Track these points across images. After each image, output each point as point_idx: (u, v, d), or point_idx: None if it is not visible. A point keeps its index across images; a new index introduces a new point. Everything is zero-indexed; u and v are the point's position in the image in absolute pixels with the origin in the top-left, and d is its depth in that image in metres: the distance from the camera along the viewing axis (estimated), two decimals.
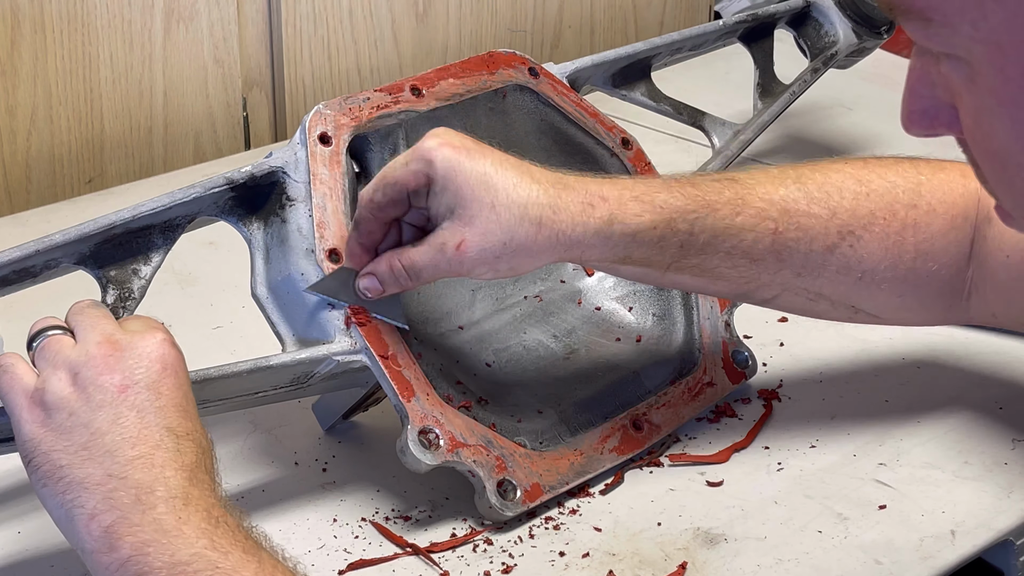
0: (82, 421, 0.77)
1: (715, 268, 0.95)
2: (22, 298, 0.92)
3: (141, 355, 0.79)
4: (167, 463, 0.76)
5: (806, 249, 0.96)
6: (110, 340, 0.80)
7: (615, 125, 1.11)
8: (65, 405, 0.77)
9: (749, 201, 0.95)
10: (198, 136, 1.53)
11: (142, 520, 0.74)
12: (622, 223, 0.91)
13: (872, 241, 0.97)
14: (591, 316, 1.09)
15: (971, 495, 0.99)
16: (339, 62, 1.60)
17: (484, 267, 0.89)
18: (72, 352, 0.80)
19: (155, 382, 0.78)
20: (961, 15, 0.64)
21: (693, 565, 0.91)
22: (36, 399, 0.78)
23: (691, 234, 0.93)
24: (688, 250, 0.93)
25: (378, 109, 1.00)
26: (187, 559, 0.73)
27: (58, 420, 0.77)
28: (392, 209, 0.90)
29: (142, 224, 0.91)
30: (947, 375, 1.12)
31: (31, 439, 0.78)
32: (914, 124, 0.71)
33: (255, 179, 0.95)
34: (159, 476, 0.75)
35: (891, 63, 1.74)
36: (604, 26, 1.87)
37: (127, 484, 0.75)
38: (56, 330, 0.82)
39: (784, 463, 1.02)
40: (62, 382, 0.78)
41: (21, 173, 1.42)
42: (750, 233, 0.94)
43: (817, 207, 0.96)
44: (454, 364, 1.01)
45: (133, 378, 0.78)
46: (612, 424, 1.01)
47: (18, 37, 1.37)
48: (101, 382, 0.78)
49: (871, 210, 0.97)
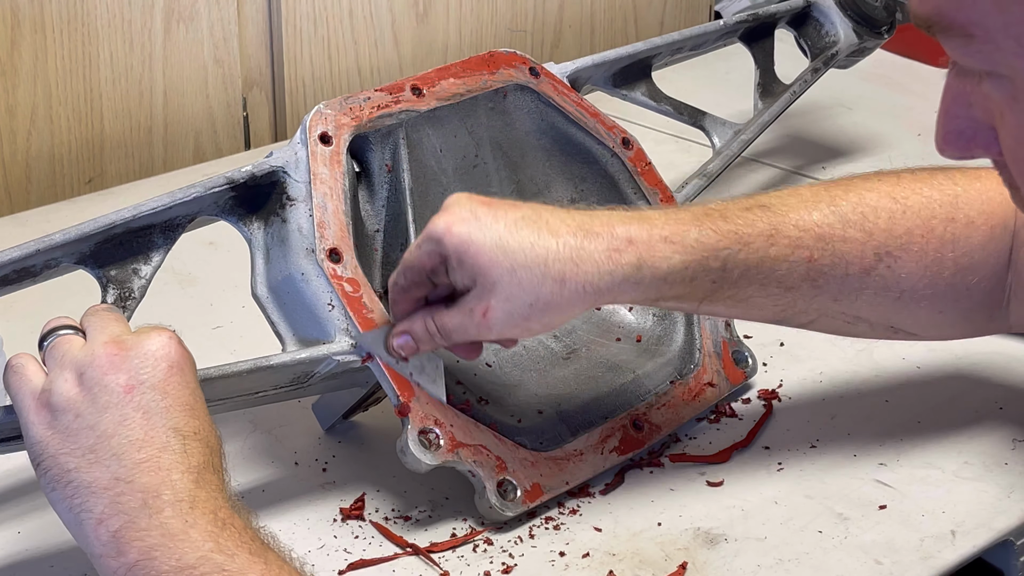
0: (88, 423, 0.76)
1: (750, 298, 0.93)
2: (22, 298, 0.91)
3: (147, 355, 0.78)
4: (173, 466, 0.76)
5: (842, 274, 0.94)
6: (116, 340, 0.79)
7: (615, 125, 1.11)
8: (71, 407, 0.77)
9: (782, 230, 0.93)
10: (198, 136, 1.53)
11: (149, 524, 0.74)
12: (652, 267, 0.88)
13: (910, 260, 0.94)
14: (591, 316, 1.09)
15: (971, 495, 0.99)
16: (339, 62, 1.60)
17: (515, 330, 0.88)
18: (80, 352, 0.79)
19: (161, 381, 0.78)
20: (1006, 31, 0.62)
21: (693, 565, 0.91)
22: (43, 400, 0.78)
23: (724, 270, 0.91)
24: (721, 285, 0.91)
25: (379, 109, 1.00)
26: (194, 562, 0.73)
27: (64, 422, 0.77)
28: (417, 290, 0.90)
29: (142, 224, 0.90)
30: (947, 375, 1.12)
31: (39, 442, 0.77)
32: (950, 146, 0.69)
33: (255, 179, 0.95)
34: (166, 479, 0.75)
35: (891, 63, 1.74)
36: (604, 26, 1.87)
37: (134, 488, 0.75)
38: (67, 330, 0.82)
39: (784, 463, 1.02)
40: (68, 383, 0.78)
41: (21, 173, 1.42)
42: (784, 264, 0.92)
43: (853, 230, 0.94)
44: (454, 364, 1.01)
45: (139, 378, 0.77)
46: (612, 424, 1.00)
47: (18, 37, 1.37)
48: (106, 382, 0.77)
49: (908, 228, 0.95)
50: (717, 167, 1.23)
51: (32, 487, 0.97)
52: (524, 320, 0.87)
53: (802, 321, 0.97)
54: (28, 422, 0.78)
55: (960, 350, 1.14)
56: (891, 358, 1.14)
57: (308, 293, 0.93)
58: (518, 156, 1.09)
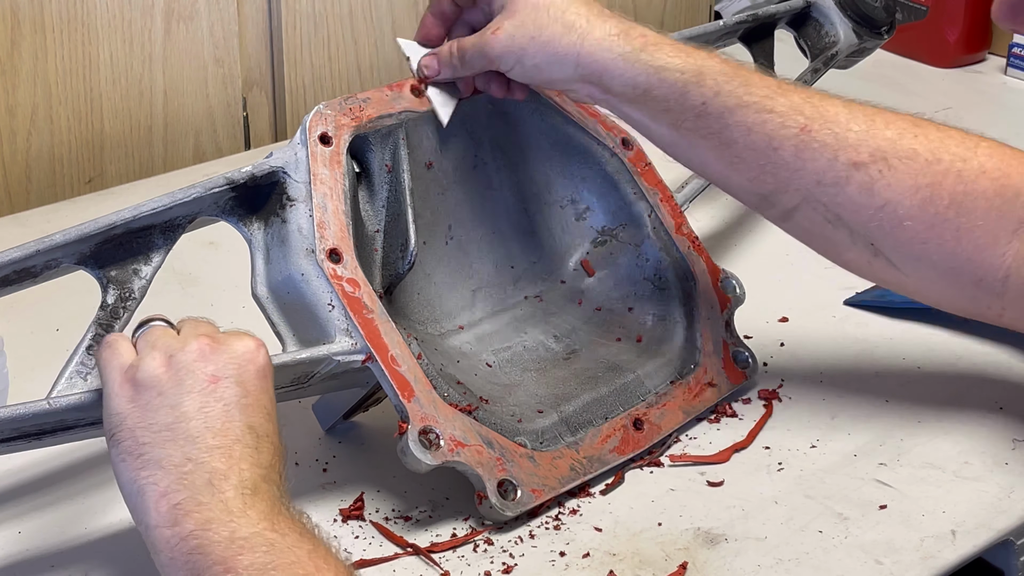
0: (169, 402, 0.78)
1: (734, 142, 0.94)
2: (22, 298, 0.91)
3: (236, 354, 0.81)
4: (244, 458, 0.78)
5: (831, 157, 0.94)
6: (210, 336, 0.82)
7: (615, 125, 1.11)
8: (155, 384, 0.79)
9: (787, 94, 0.95)
10: (198, 136, 1.53)
11: (211, 500, 0.76)
12: (651, 56, 0.95)
13: (905, 173, 0.94)
14: (591, 316, 1.09)
15: (971, 495, 0.99)
16: (339, 62, 1.60)
17: (511, 56, 0.97)
18: (172, 340, 0.82)
19: (245, 381, 0.80)
20: None
21: (693, 565, 0.91)
22: (129, 375, 0.80)
23: (717, 94, 0.93)
24: (709, 109, 0.93)
25: (378, 109, 1.00)
26: (246, 536, 0.74)
27: (146, 398, 0.79)
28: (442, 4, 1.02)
29: (142, 224, 0.91)
30: (947, 375, 1.12)
31: (118, 413, 0.79)
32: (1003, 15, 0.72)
33: (255, 179, 0.95)
34: (234, 467, 0.77)
35: (891, 63, 1.74)
36: None
37: (203, 468, 0.77)
38: (163, 323, 0.85)
39: (784, 463, 1.02)
40: (156, 362, 0.80)
41: (21, 173, 1.42)
42: (778, 118, 0.94)
43: (856, 125, 0.94)
44: (454, 364, 1.01)
45: (225, 372, 0.80)
46: (612, 424, 1.00)
47: (18, 37, 1.37)
48: (194, 368, 0.80)
49: (915, 149, 0.94)
50: None
51: (32, 487, 0.97)
52: (521, 50, 0.96)
53: (785, 205, 0.97)
54: (111, 393, 0.80)
55: (960, 350, 1.14)
56: (891, 358, 1.14)
57: (308, 293, 0.93)
58: (518, 156, 1.09)
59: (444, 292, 1.06)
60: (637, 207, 1.10)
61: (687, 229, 1.11)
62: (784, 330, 1.17)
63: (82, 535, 0.93)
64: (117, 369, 0.81)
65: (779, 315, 1.19)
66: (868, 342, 1.16)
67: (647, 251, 1.10)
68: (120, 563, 0.90)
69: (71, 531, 0.93)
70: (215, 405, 0.79)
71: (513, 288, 1.09)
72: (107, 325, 0.88)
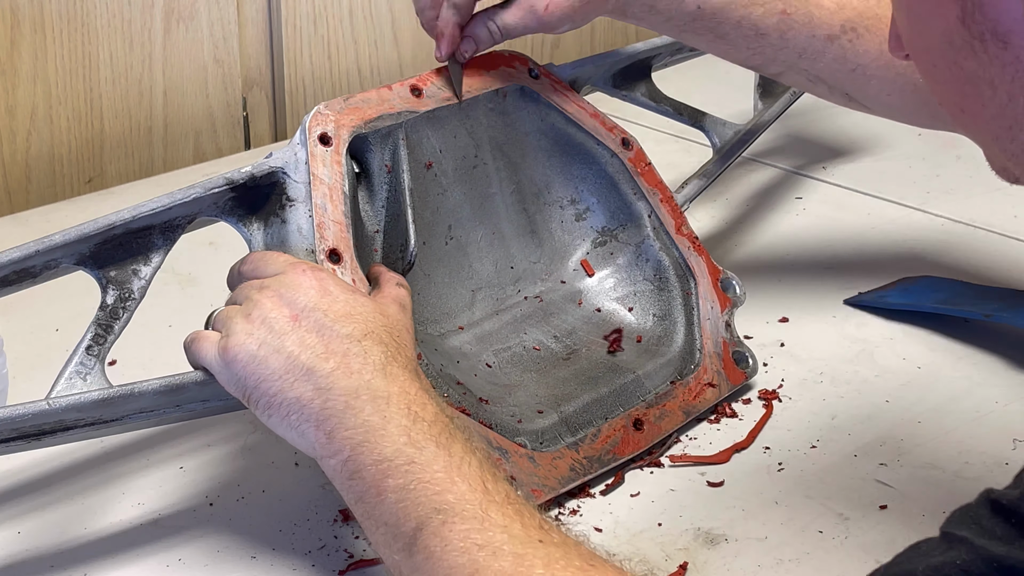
0: (273, 348, 0.83)
1: (727, 34, 1.08)
2: (22, 298, 0.92)
3: (295, 286, 0.86)
4: (362, 368, 0.82)
5: (808, 34, 1.08)
6: (263, 286, 0.86)
7: (615, 125, 1.11)
8: (252, 341, 0.83)
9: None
10: (198, 136, 1.53)
11: (355, 423, 0.80)
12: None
13: (872, 40, 1.08)
14: (591, 317, 1.09)
15: (972, 495, 0.98)
16: (339, 62, 1.60)
17: (567, 22, 1.05)
18: (238, 307, 0.86)
19: (318, 303, 0.85)
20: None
21: (694, 565, 0.91)
22: (222, 347, 0.84)
23: None
24: (705, 11, 1.07)
25: (378, 109, 1.00)
26: (391, 455, 0.79)
27: (250, 353, 0.83)
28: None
29: (142, 224, 0.91)
30: (947, 375, 1.12)
31: (236, 383, 0.84)
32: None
33: (255, 179, 0.95)
34: (360, 381, 0.81)
35: None
36: (604, 26, 1.87)
37: (335, 393, 0.81)
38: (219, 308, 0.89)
39: (785, 463, 1.02)
40: (240, 323, 0.84)
41: (21, 173, 1.42)
42: (760, 8, 1.08)
43: (828, 2, 1.08)
44: (454, 364, 1.01)
45: (298, 306, 0.84)
46: (612, 424, 1.00)
47: (18, 37, 1.37)
48: (274, 315, 0.84)
49: (879, 15, 1.08)
50: (717, 167, 1.23)
51: (32, 487, 0.97)
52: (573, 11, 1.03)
53: (772, 71, 1.13)
54: (220, 371, 0.84)
55: (960, 350, 1.14)
56: (891, 358, 1.14)
57: None
58: (518, 156, 1.09)
59: (444, 292, 1.06)
60: (637, 207, 1.10)
61: (687, 229, 1.11)
62: (784, 330, 1.17)
63: (82, 535, 0.93)
64: (211, 350, 0.85)
65: (779, 315, 1.19)
66: (868, 342, 1.16)
67: (647, 251, 1.10)
68: (120, 563, 0.90)
69: (71, 531, 0.93)
70: (309, 335, 0.83)
71: (513, 288, 1.09)
72: (107, 325, 0.88)
